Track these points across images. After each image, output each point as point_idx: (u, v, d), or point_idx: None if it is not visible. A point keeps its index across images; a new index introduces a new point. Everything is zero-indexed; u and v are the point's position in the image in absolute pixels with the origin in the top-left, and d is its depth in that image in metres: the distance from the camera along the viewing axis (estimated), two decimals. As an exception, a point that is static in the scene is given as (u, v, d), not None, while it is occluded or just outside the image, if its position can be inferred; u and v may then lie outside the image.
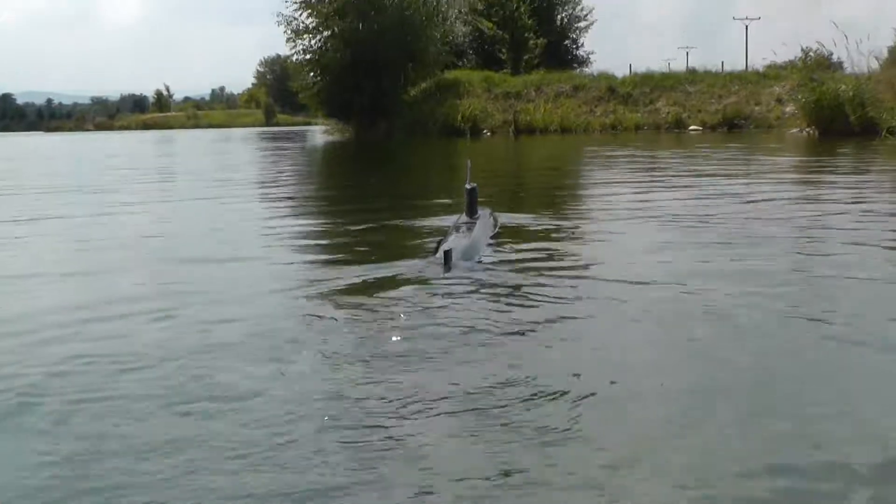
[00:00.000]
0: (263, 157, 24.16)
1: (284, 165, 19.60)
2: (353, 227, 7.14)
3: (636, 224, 6.84)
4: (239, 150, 30.33)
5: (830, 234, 6.05)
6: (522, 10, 43.89)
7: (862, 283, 4.28)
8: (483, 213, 6.21)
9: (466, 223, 5.75)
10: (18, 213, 9.19)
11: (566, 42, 50.32)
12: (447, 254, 4.66)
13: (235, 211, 9.23)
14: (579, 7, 50.53)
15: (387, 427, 2.57)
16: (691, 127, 31.57)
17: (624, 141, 24.67)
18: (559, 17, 50.00)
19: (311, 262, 5.67)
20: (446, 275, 4.50)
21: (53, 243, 6.98)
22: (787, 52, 38.48)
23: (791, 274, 4.63)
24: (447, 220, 6.50)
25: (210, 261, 5.76)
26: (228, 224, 7.98)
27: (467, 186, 6.16)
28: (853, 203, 7.87)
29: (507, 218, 6.87)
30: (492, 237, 5.76)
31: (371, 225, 7.24)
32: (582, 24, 50.97)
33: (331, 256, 5.94)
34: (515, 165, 17.53)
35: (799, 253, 5.38)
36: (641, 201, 8.65)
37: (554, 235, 6.41)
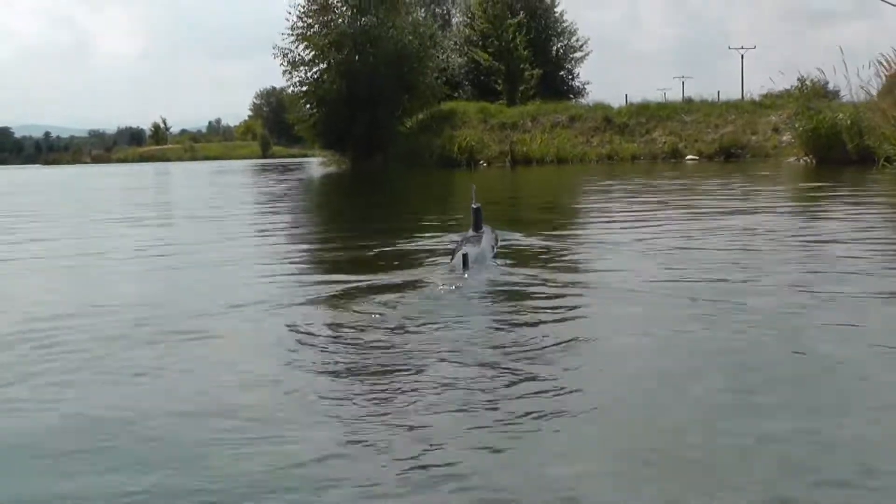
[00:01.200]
0: (267, 188, 24.08)
1: (290, 195, 19.70)
2: (372, 242, 7.94)
3: (629, 240, 7.55)
4: (240, 181, 30.25)
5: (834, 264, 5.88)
6: (518, 41, 44.05)
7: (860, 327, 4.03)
8: (486, 228, 6.99)
9: (474, 236, 6.59)
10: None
11: (562, 73, 50.48)
12: (464, 256, 5.48)
13: (256, 233, 10.11)
14: (574, 38, 50.80)
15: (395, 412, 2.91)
16: (688, 156, 31.56)
17: (620, 171, 24.64)
18: (554, 48, 50.19)
19: (340, 269, 6.51)
20: (464, 274, 5.38)
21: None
22: (783, 81, 38.44)
23: (784, 302, 4.46)
24: (456, 235, 7.48)
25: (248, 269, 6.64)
26: (255, 245, 8.78)
27: (474, 206, 6.92)
28: (854, 231, 7.70)
29: (505, 234, 7.74)
30: (495, 248, 6.68)
31: (389, 239, 8.01)
32: (577, 54, 51.20)
33: (359, 263, 6.79)
34: (511, 194, 17.45)
35: (794, 285, 5.19)
36: (635, 221, 9.41)
37: (548, 246, 7.33)
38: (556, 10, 50.18)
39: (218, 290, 5.56)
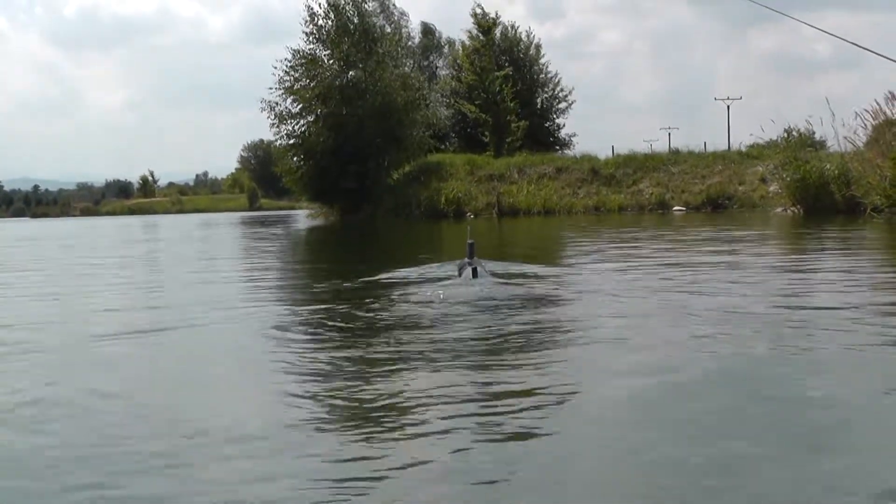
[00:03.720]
0: (260, 239, 23.93)
1: (285, 244, 19.46)
2: (377, 272, 8.95)
3: (612, 271, 8.75)
4: (233, 235, 30.01)
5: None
6: (505, 93, 44.36)
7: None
8: (477, 259, 8.11)
9: (470, 262, 7.72)
10: None
11: (547, 124, 50.76)
12: (475, 269, 7.04)
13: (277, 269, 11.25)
14: (559, 88, 51.16)
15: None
16: (675, 207, 31.51)
17: (607, 222, 24.57)
18: (539, 99, 50.53)
19: (354, 290, 7.52)
20: (475, 280, 6.89)
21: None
22: (770, 131, 38.50)
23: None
24: (452, 264, 8.68)
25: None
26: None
27: (469, 241, 8.07)
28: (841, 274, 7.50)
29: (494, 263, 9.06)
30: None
31: (393, 269, 9.13)
32: (562, 105, 51.46)
33: (371, 284, 7.96)
34: (499, 242, 17.30)
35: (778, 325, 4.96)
36: (623, 260, 10.39)
37: (537, 270, 8.85)
38: (540, 61, 50.68)
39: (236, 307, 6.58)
